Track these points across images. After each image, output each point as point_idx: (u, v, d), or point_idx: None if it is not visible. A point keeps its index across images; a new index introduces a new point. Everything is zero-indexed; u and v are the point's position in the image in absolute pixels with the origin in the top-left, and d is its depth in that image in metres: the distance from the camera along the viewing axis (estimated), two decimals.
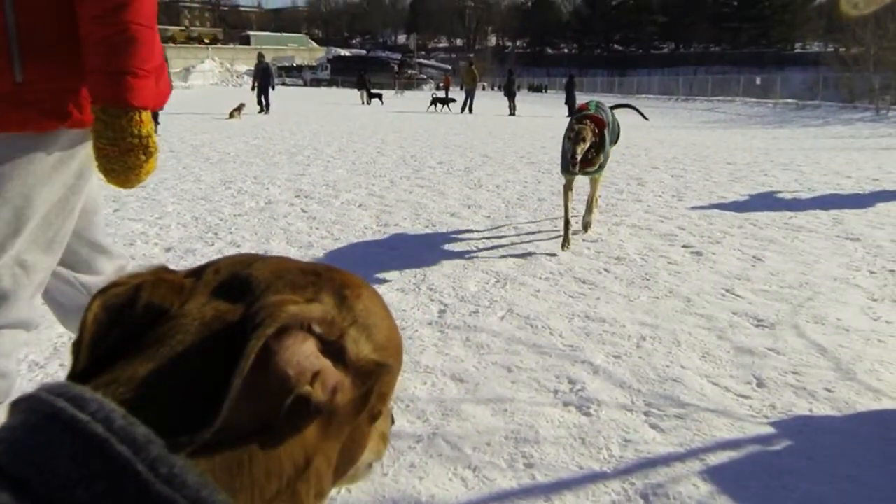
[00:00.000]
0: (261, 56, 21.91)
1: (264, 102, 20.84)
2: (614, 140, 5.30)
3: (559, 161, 5.21)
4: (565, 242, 4.87)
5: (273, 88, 21.23)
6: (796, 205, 6.89)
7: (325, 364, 0.48)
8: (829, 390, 2.80)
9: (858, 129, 18.39)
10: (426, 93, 51.59)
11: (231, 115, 18.51)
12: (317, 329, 0.48)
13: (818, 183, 8.47)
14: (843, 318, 3.63)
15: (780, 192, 7.77)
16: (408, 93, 50.30)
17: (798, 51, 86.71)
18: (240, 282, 0.52)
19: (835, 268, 4.56)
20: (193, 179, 7.97)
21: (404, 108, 29.11)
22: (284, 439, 0.47)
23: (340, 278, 0.57)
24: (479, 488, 2.12)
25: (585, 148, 4.69)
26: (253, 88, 21.50)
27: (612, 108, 5.60)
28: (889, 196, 7.44)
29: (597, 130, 4.78)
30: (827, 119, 21.73)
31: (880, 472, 2.23)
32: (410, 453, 2.30)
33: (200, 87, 45.96)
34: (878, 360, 3.10)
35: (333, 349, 0.50)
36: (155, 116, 12.38)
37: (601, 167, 5.01)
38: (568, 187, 5.04)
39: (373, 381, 0.53)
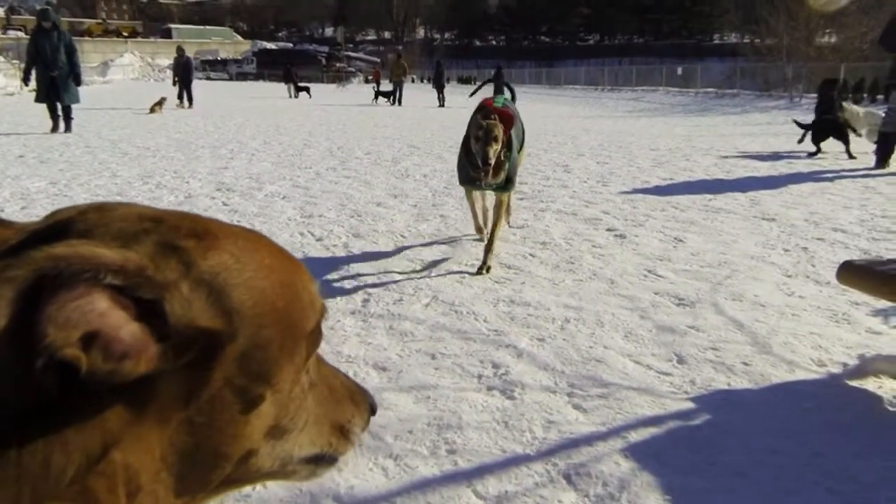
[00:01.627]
0: (180, 49, 21.26)
1: (186, 96, 20.26)
2: (520, 145, 4.34)
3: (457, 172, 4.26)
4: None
5: (191, 82, 20.64)
6: (716, 187, 7.06)
7: (112, 324, 0.38)
8: (746, 364, 2.85)
9: (774, 116, 19.03)
10: (356, 86, 51.17)
11: (152, 110, 17.88)
12: (112, 280, 0.38)
13: (736, 167, 8.72)
14: (760, 294, 3.72)
15: (700, 176, 7.97)
16: (347, 86, 49.56)
17: (717, 42, 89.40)
18: (59, 230, 0.43)
19: (752, 247, 4.68)
20: (109, 175, 7.64)
21: (333, 101, 28.75)
22: (66, 423, 0.38)
23: (190, 226, 0.46)
24: (400, 477, 2.06)
25: (498, 150, 3.75)
26: (174, 83, 20.85)
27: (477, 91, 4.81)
28: (802, 178, 7.71)
29: (504, 129, 3.83)
30: (745, 107, 22.41)
31: (794, 441, 2.27)
32: None
33: (120, 82, 44.34)
34: (792, 333, 3.18)
35: (144, 308, 0.40)
36: (68, 112, 11.74)
37: (509, 181, 4.02)
38: (471, 193, 4.31)
39: (197, 352, 0.43)
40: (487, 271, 3.95)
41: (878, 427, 2.38)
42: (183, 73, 20.29)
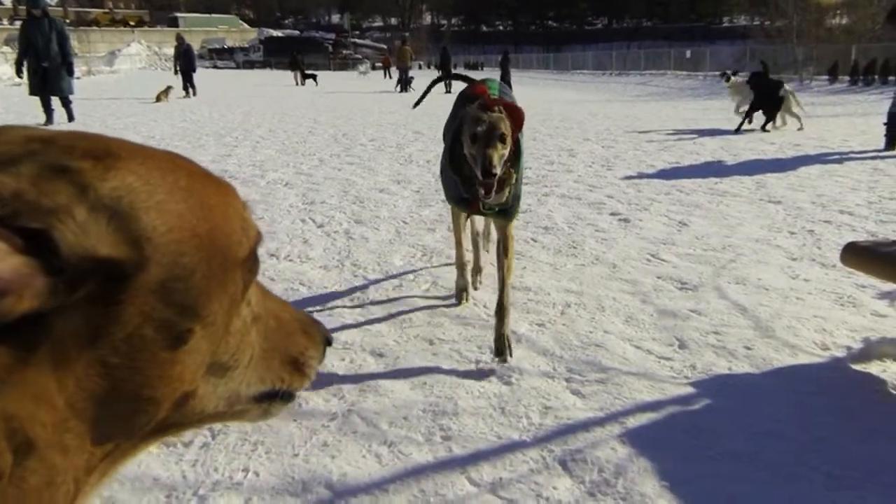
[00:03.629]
0: (180, 38, 21.01)
1: (189, 85, 20.10)
2: None
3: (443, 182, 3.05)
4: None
5: (194, 71, 20.41)
6: (722, 171, 6.99)
7: None
8: (748, 348, 2.81)
9: None
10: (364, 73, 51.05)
11: (158, 99, 17.89)
12: None
13: (743, 150, 8.63)
14: (764, 277, 3.67)
15: (706, 159, 7.89)
16: (354, 73, 49.29)
17: (726, 24, 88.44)
18: None
19: (757, 230, 4.62)
20: None
21: (340, 88, 28.65)
22: None
23: (86, 146, 0.41)
24: (394, 464, 2.04)
25: (506, 155, 2.53)
26: (176, 72, 20.59)
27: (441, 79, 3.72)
28: (809, 160, 7.62)
29: (513, 128, 2.58)
30: None
31: (795, 425, 2.24)
32: (323, 432, 2.20)
33: (127, 72, 44.33)
34: (795, 316, 3.13)
35: (31, 239, 0.36)
36: (67, 102, 11.55)
37: (516, 201, 2.77)
38: (460, 217, 3.14)
39: (100, 285, 0.39)
40: (510, 356, 2.68)
41: (881, 411, 2.34)
42: (184, 62, 20.07)
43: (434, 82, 3.49)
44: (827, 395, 2.44)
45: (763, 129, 10.88)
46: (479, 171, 2.49)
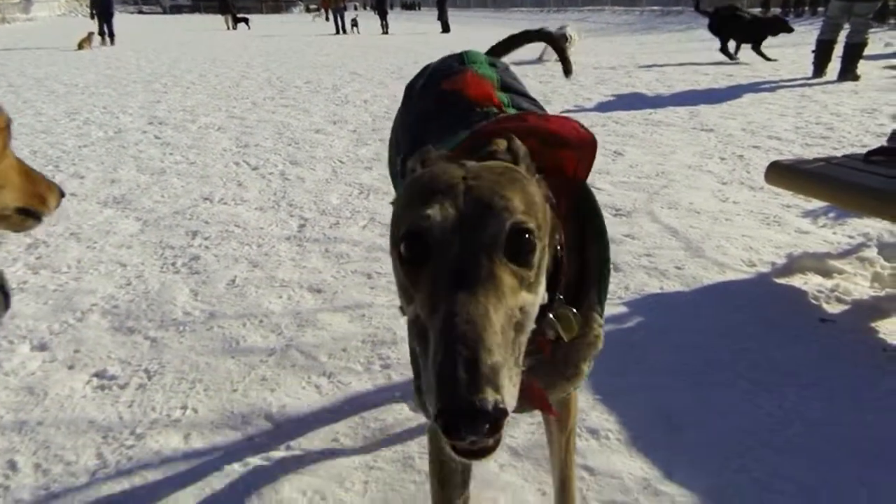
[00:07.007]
0: None
1: (107, 32, 18.97)
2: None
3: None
4: None
5: (112, 16, 19.08)
6: (656, 101, 7.06)
7: None
8: (678, 268, 2.89)
9: None
10: (296, 16, 49.54)
11: (80, 46, 17.08)
12: None
13: (678, 81, 8.72)
14: (695, 201, 3.76)
15: (642, 91, 7.95)
16: (289, 16, 47.66)
17: None
18: None
19: (689, 157, 4.71)
20: (33, 113, 7.30)
21: (274, 31, 27.74)
22: None
23: None
24: (333, 393, 2.06)
25: (537, 305, 0.76)
26: (92, 16, 19.25)
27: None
28: (742, 90, 7.75)
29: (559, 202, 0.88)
30: (690, 24, 22.28)
31: (721, 337, 2.33)
32: (262, 367, 2.20)
33: (46, 19, 42.06)
34: (724, 237, 3.23)
35: None
36: None
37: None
38: (446, 480, 1.17)
39: None
40: None
41: (802, 320, 2.45)
42: (102, 6, 18.88)
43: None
44: (752, 308, 2.54)
45: (735, 53, 11.16)
46: (434, 395, 0.63)
